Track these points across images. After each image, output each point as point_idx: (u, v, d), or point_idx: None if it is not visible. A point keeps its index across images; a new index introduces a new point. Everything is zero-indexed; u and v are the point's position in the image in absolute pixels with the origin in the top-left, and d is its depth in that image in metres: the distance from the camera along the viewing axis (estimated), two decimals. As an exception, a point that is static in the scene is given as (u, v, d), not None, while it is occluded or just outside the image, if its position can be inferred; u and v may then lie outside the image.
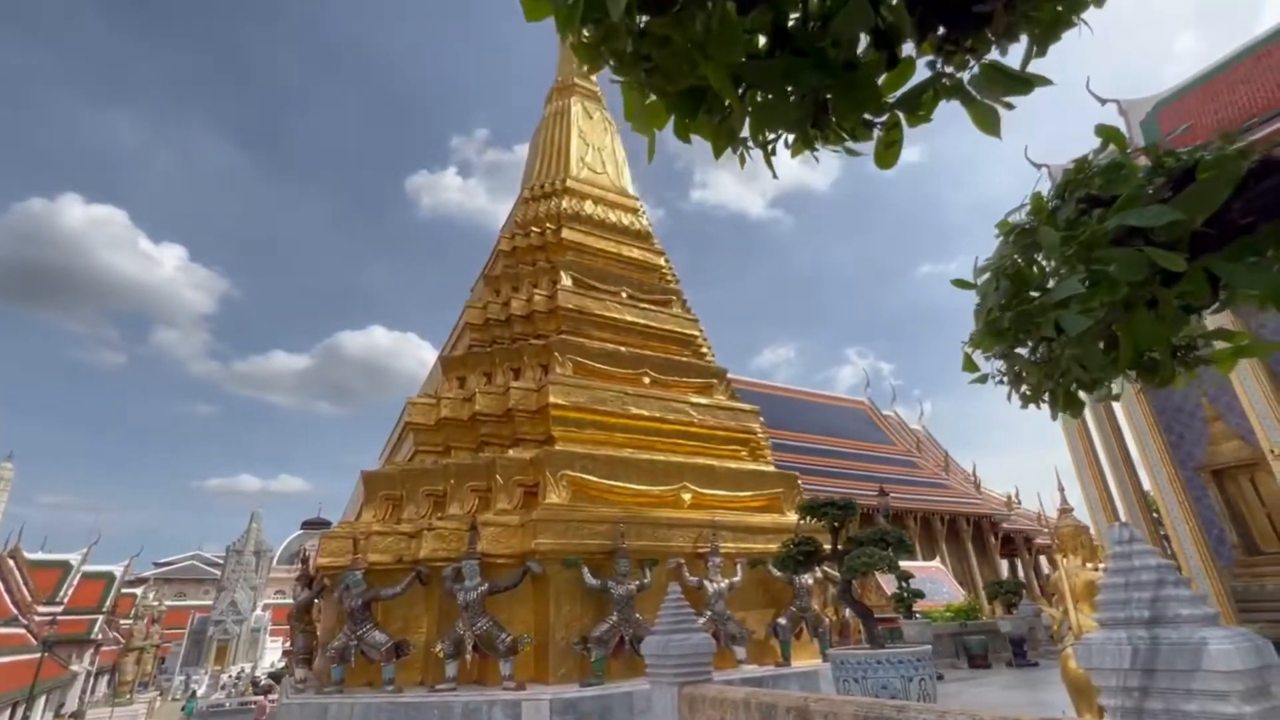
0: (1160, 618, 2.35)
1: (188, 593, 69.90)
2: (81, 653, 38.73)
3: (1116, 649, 2.37)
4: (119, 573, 42.91)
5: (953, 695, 8.98)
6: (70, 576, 39.44)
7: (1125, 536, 2.60)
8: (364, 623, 7.61)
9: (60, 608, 37.14)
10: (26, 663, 28.75)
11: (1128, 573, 2.52)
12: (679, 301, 13.10)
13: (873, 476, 29.92)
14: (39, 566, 37.68)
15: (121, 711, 39.59)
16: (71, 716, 33.62)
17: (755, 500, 9.95)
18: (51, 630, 32.92)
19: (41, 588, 36.67)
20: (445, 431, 9.90)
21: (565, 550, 7.78)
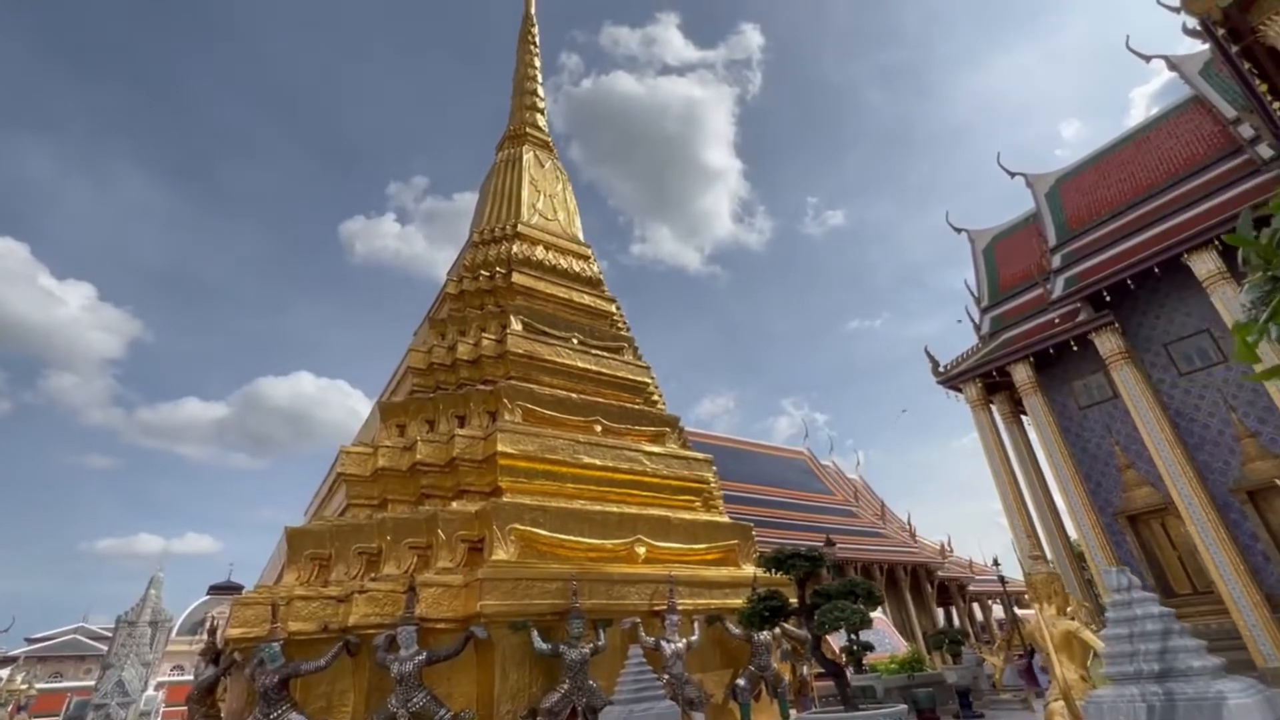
0: (1171, 670, 2.25)
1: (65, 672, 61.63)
2: (-76, 750, 33.11)
3: (1130, 707, 2.24)
4: (-18, 651, 37.50)
5: (914, 754, 8.75)
6: (-82, 658, 34.12)
7: (1124, 583, 2.52)
8: (279, 703, 6.70)
9: (-98, 696, 31.87)
10: None
11: (1130, 622, 2.42)
12: (630, 349, 12.99)
13: (814, 526, 30.15)
14: (-121, 647, 32.44)
15: (-32, 822, 33.74)
16: (-98, 831, 28.39)
17: (711, 553, 9.65)
18: (-113, 724, 28.13)
19: (-120, 673, 31.48)
20: (382, 483, 9.20)
21: (513, 612, 7.20)
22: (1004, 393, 21.57)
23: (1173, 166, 20.25)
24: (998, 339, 22.00)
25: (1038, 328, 20.18)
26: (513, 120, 17.78)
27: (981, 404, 21.05)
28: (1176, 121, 22.27)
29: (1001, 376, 20.52)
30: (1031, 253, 24.06)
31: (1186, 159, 19.93)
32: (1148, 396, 16.75)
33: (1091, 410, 18.93)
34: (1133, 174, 22.20)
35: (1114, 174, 23.21)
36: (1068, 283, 20.03)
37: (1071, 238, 21.74)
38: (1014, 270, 24.71)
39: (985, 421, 20.89)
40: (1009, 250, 26.27)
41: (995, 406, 21.62)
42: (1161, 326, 17.75)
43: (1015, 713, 15.79)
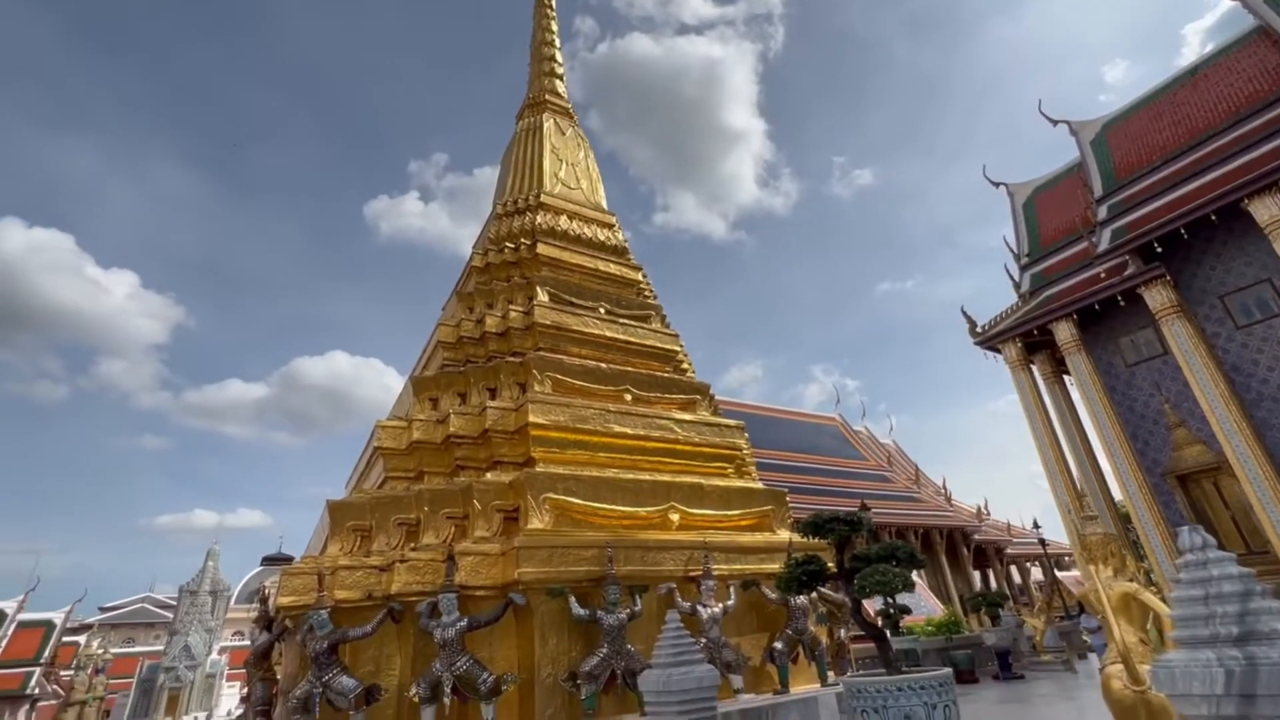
0: (1253, 634, 2.10)
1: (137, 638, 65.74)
2: (15, 709, 35.81)
3: (1206, 672, 2.10)
4: (59, 620, 40.06)
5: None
6: (3, 626, 36.61)
7: (1197, 543, 2.36)
8: (330, 667, 6.95)
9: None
10: (-49, 724, 26.40)
11: (1205, 583, 2.27)
12: (658, 317, 12.84)
13: (848, 492, 29.98)
14: (-32, 617, 34.89)
15: (59, 773, 36.62)
16: (2, 781, 30.90)
17: (745, 519, 9.62)
18: (-19, 686, 30.35)
19: (-29, 640, 33.91)
20: (417, 455, 9.35)
21: (550, 579, 7.29)
22: (1045, 352, 20.85)
23: (1233, 105, 18.88)
24: (1039, 296, 21.18)
25: (1082, 283, 19.33)
26: (532, 88, 17.46)
27: (1021, 364, 20.40)
28: (1237, 56, 20.69)
29: (1043, 335, 19.80)
30: (1075, 205, 22.92)
31: (1248, 96, 18.56)
32: (1201, 351, 15.96)
33: (1139, 368, 18.16)
34: (1187, 115, 20.82)
35: (1166, 117, 21.81)
36: (1115, 235, 19.06)
37: (1119, 187, 20.59)
38: (1056, 224, 23.60)
39: (1025, 382, 20.27)
40: (1050, 203, 25.06)
41: (1036, 367, 20.94)
42: (1217, 277, 16.80)
43: (1057, 674, 15.64)
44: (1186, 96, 21.76)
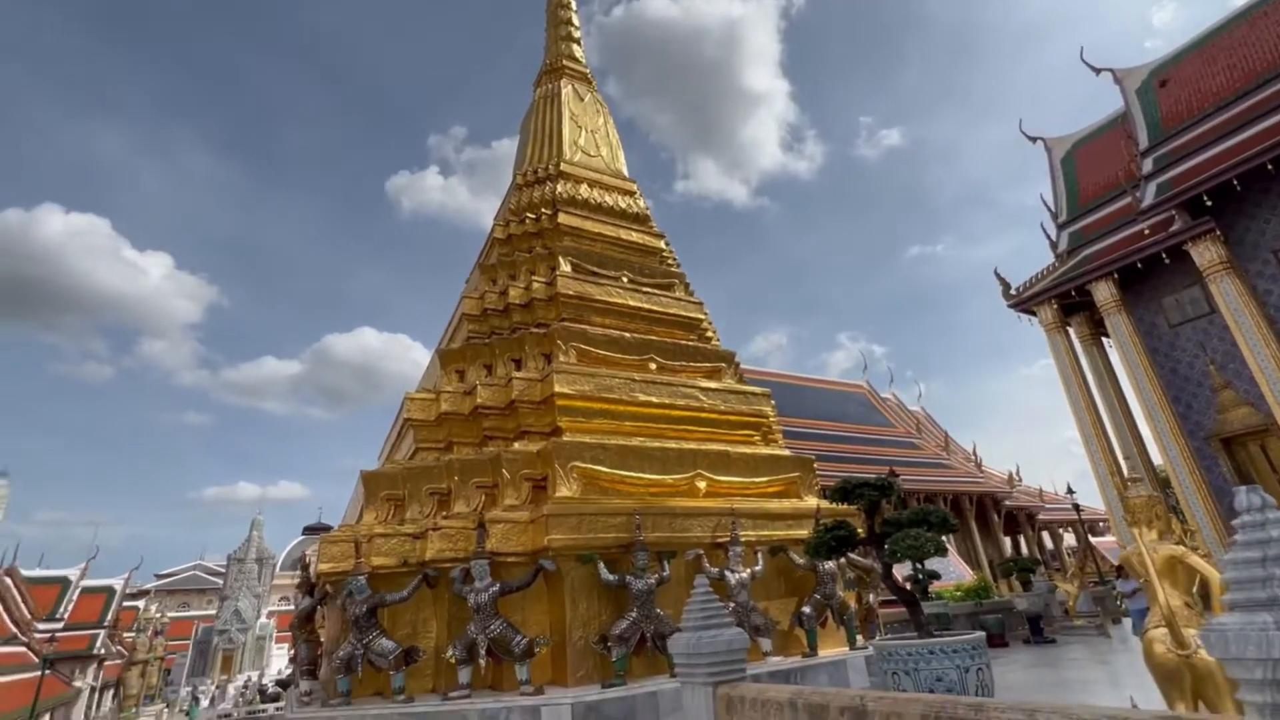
0: (1314, 597, 2.00)
1: (191, 603, 69.39)
2: (84, 668, 38.25)
3: (1262, 636, 2.01)
4: (119, 586, 42.38)
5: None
6: (69, 592, 38.87)
7: (1255, 503, 2.24)
8: (370, 630, 7.21)
9: (60, 624, 36.59)
10: (28, 681, 28.27)
11: (1264, 545, 2.16)
12: (682, 285, 12.70)
13: (876, 459, 29.76)
14: (37, 584, 37.08)
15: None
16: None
17: (772, 486, 9.60)
18: (52, 647, 32.39)
19: (41, 605, 36.10)
20: (447, 427, 9.49)
21: (579, 545, 7.40)
22: (1083, 314, 20.16)
23: (1295, 45, 17.62)
24: (1077, 256, 20.38)
25: (1123, 241, 18.52)
26: (549, 54, 17.09)
27: (1058, 327, 19.77)
28: (1301, -10, 19.23)
29: (1081, 296, 19.10)
30: (1118, 159, 21.81)
31: (1313, 34, 17.28)
32: (1252, 309, 15.24)
33: (1183, 328, 17.44)
34: (1242, 59, 19.49)
35: (1219, 61, 20.45)
36: (1160, 189, 18.13)
37: (1166, 138, 19.51)
38: (1097, 180, 22.54)
39: (1062, 345, 19.66)
40: (1091, 158, 23.88)
41: (1073, 329, 20.27)
42: (1271, 231, 15.92)
43: (1090, 638, 15.50)
44: (1241, 38, 20.36)
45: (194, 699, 45.40)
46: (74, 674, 37.29)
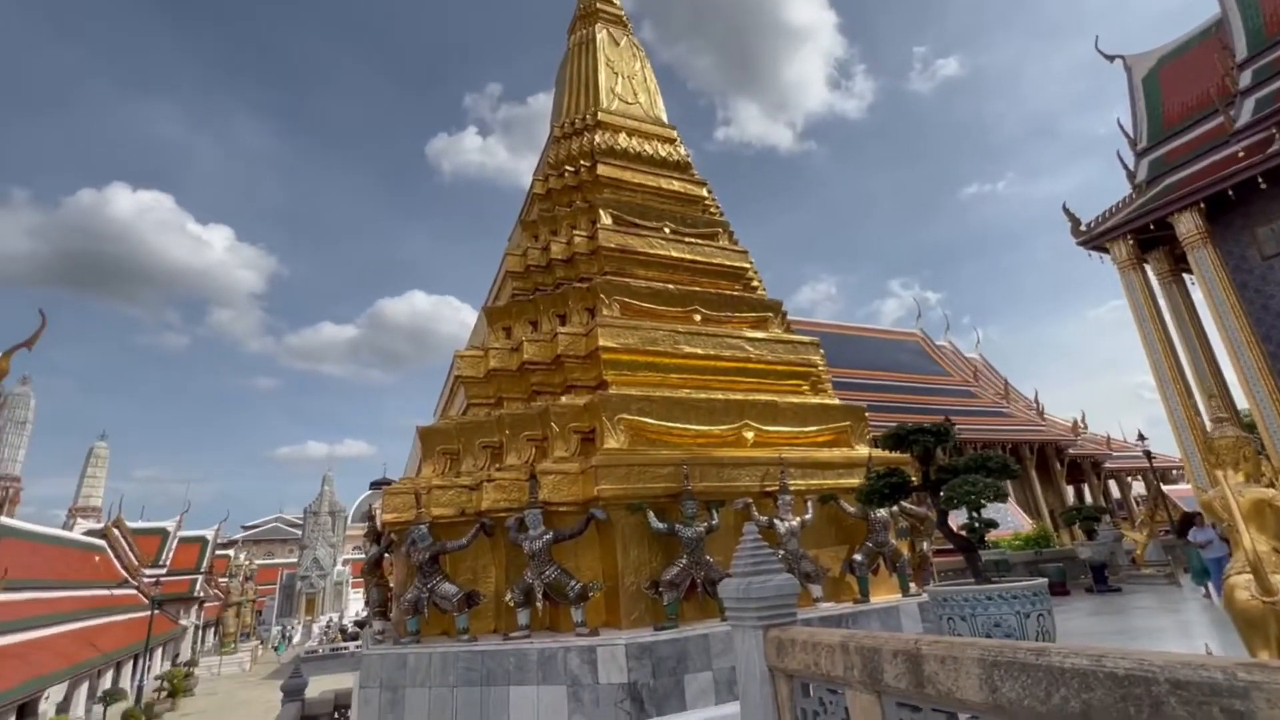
0: None
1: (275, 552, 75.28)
2: (187, 609, 42.26)
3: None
4: (211, 536, 46.25)
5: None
6: (169, 542, 42.67)
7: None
8: (433, 575, 7.62)
9: (164, 570, 40.35)
10: (141, 620, 31.45)
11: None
12: (725, 233, 12.36)
13: (930, 409, 28.95)
14: (141, 534, 40.84)
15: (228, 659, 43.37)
16: (187, 664, 36.92)
17: (822, 435, 9.45)
18: (158, 590, 35.80)
19: (145, 553, 39.81)
20: (496, 383, 9.69)
21: (628, 495, 7.52)
22: (1162, 249, 18.68)
23: None
24: (1158, 185, 18.76)
25: (1213, 166, 16.89)
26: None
27: (1132, 264, 18.43)
28: None
29: (1161, 229, 17.67)
30: (1208, 75, 19.67)
31: None
32: (1363, 236, 13.79)
33: (1278, 260, 15.96)
34: None
35: None
36: (1260, 104, 16.34)
37: (1269, 46, 17.44)
38: (1183, 100, 20.46)
39: (1137, 283, 18.36)
40: (1177, 76, 21.62)
41: (1150, 266, 18.86)
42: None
43: (1159, 587, 14.97)
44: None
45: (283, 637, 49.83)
46: (179, 614, 41.22)
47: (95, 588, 29.69)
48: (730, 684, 6.51)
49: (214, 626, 50.80)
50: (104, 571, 32.95)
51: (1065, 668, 2.64)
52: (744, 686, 5.03)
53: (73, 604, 25.85)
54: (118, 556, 36.09)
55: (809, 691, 4.55)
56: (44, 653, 21.39)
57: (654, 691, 6.23)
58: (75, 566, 29.12)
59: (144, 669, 31.79)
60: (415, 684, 7.19)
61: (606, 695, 6.21)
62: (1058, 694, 2.64)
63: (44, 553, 26.08)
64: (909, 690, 3.67)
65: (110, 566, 34.46)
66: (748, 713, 4.96)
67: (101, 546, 34.96)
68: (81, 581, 28.45)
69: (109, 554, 35.41)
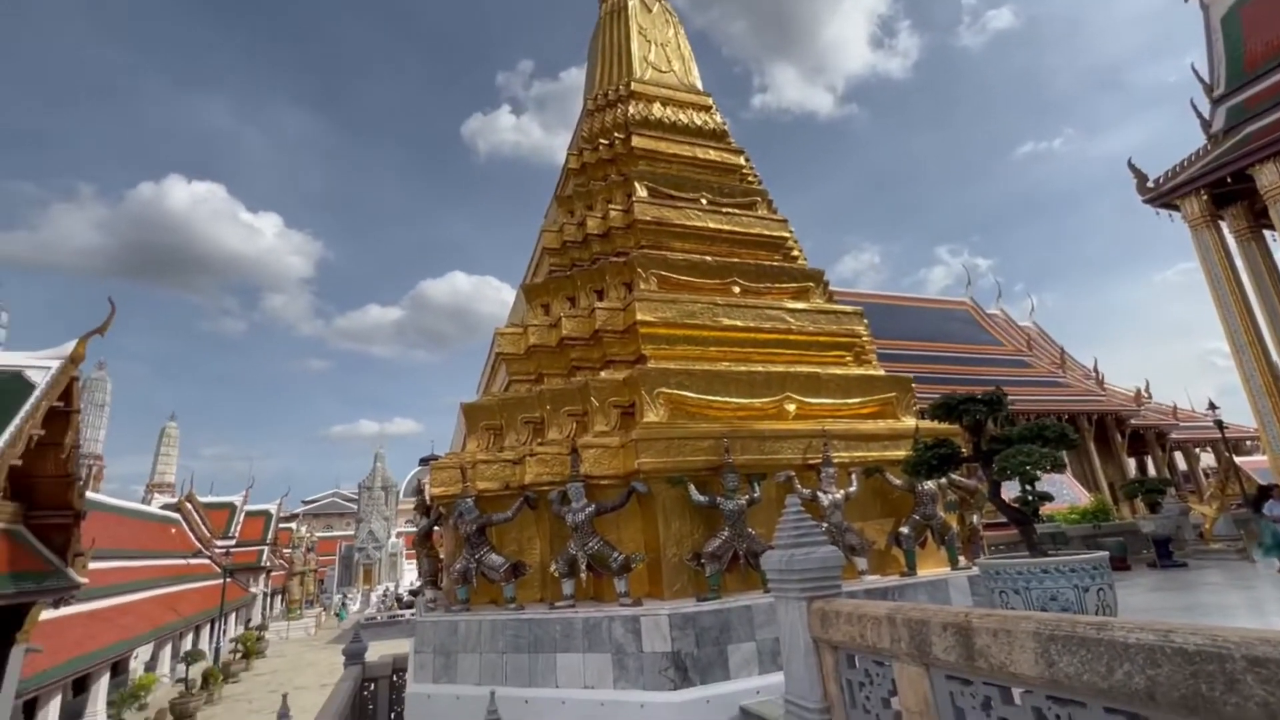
0: None
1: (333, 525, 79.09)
2: (256, 578, 44.94)
3: None
4: (274, 510, 48.83)
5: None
6: (237, 515, 45.26)
7: None
8: (480, 546, 7.84)
9: (233, 541, 42.91)
10: (215, 587, 33.59)
11: None
12: (764, 203, 12.06)
13: (980, 379, 27.94)
14: (211, 508, 43.44)
15: (295, 624, 46.07)
16: (258, 629, 39.39)
17: (866, 407, 9.24)
18: (229, 560, 38.11)
19: (216, 525, 42.38)
20: (536, 359, 9.79)
21: (668, 468, 7.53)
22: (1240, 204, 17.34)
23: None
24: (1236, 135, 17.34)
25: (1302, 110, 15.49)
26: (612, -37, 16.05)
27: (1206, 221, 17.19)
28: None
29: (1238, 183, 16.37)
30: None
31: None
32: None
33: (1376, 211, 14.62)
34: None
35: None
36: (1359, 39, 14.84)
37: (1371, -28, 15.77)
38: (1267, 39, 18.72)
39: (1211, 241, 17.14)
40: (1262, 13, 19.76)
41: (1225, 223, 17.54)
42: None
43: (1229, 563, 14.24)
44: None
45: (343, 604, 52.57)
46: (249, 582, 43.87)
47: (173, 557, 31.81)
48: (774, 655, 6.52)
49: (280, 594, 53.94)
50: (180, 542, 35.25)
51: (1130, 643, 2.52)
52: (788, 657, 5.04)
53: (154, 572, 27.77)
54: (191, 529, 38.54)
55: (854, 663, 4.52)
56: (131, 616, 23.10)
57: (698, 660, 6.30)
58: (154, 538, 31.22)
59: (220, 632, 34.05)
60: (466, 650, 7.47)
61: (650, 663, 6.32)
62: (1120, 669, 2.53)
63: (127, 525, 28.01)
64: (959, 663, 3.58)
65: (185, 538, 36.82)
66: (792, 683, 4.97)
67: (177, 519, 37.37)
68: (160, 551, 30.51)
69: (184, 526, 37.84)
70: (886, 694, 4.16)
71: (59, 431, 13.08)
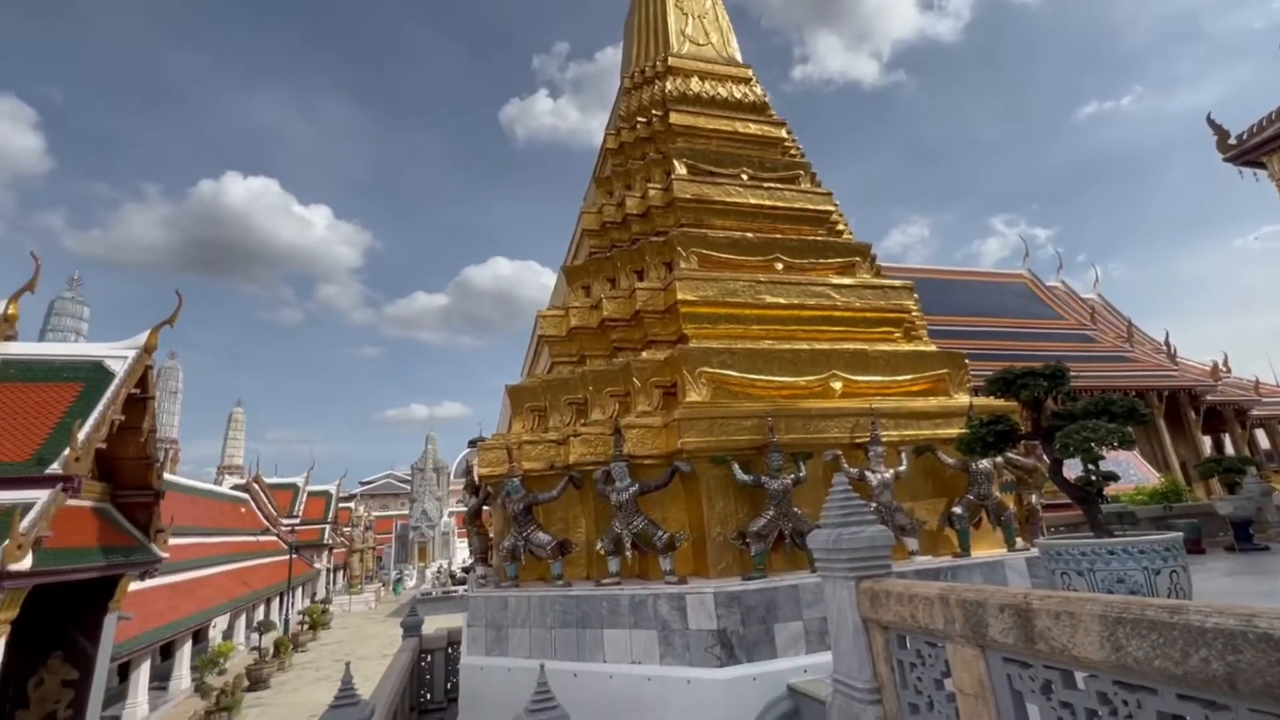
0: None
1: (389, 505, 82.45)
2: (319, 554, 47.34)
3: None
4: (334, 490, 51.15)
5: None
6: (300, 495, 47.62)
7: None
8: (528, 525, 8.01)
9: (297, 519, 45.24)
10: (282, 563, 35.53)
11: None
12: (807, 176, 11.71)
13: (1038, 355, 26.70)
14: (276, 488, 45.83)
15: (356, 599, 48.40)
16: (323, 602, 41.58)
17: (916, 384, 8.95)
18: (294, 537, 40.20)
19: (281, 504, 44.73)
20: (577, 341, 9.85)
21: (712, 448, 7.49)
22: (1337, 158, 15.86)
23: None
24: (1334, 82, 15.82)
25: None
26: (647, -65, 15.70)
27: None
28: None
29: (1336, 134, 14.98)
30: None
31: None
32: None
33: None
34: None
35: None
36: None
37: None
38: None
39: (1301, 201, 15.77)
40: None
41: (1319, 179, 16.09)
42: None
43: (1318, 547, 13.28)
44: None
45: (399, 580, 54.98)
46: (312, 558, 46.23)
47: (243, 534, 33.80)
48: (822, 634, 6.46)
49: (342, 570, 56.70)
50: (249, 521, 37.38)
51: (1207, 627, 2.37)
52: (836, 636, 4.98)
53: (226, 548, 29.58)
54: (259, 507, 40.80)
55: (906, 643, 4.43)
56: (208, 589, 24.71)
57: (743, 639, 6.30)
58: (226, 516, 33.20)
59: (288, 605, 36.05)
60: (516, 624, 7.68)
61: (696, 640, 6.35)
62: (1196, 655, 2.38)
63: (201, 504, 29.86)
64: (1017, 645, 3.46)
65: (254, 516, 39.03)
66: (840, 662, 4.91)
67: (245, 499, 39.60)
68: (231, 529, 32.44)
69: (252, 505, 40.08)
70: (939, 675, 4.07)
71: (138, 417, 13.97)
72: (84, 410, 11.80)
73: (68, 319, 34.43)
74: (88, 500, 13.02)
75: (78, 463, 11.01)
